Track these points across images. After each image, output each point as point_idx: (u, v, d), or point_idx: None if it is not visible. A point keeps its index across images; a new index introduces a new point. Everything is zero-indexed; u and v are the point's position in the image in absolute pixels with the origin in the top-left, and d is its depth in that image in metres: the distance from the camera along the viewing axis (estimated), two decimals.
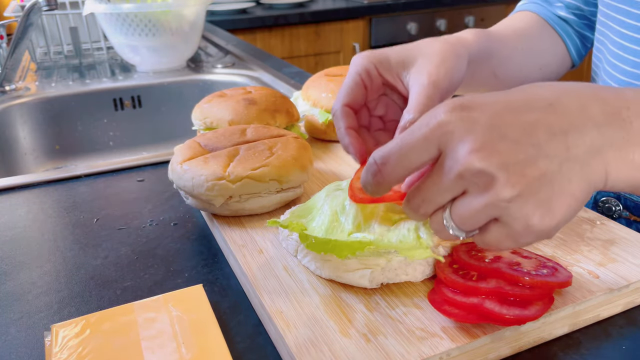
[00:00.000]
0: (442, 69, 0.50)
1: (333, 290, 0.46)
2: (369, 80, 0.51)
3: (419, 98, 0.49)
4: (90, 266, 0.56)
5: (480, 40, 0.58)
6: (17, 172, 1.14)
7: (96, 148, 1.26)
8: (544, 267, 0.42)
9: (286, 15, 2.31)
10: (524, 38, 0.68)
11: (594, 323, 0.45)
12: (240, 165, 0.58)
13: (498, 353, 0.42)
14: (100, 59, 1.53)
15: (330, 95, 0.79)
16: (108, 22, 1.28)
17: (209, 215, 0.61)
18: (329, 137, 0.81)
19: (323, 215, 0.49)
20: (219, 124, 0.74)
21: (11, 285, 0.54)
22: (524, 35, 0.68)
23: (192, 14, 1.32)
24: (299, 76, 1.26)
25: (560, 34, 0.72)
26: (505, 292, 0.40)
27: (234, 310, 0.49)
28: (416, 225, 0.45)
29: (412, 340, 0.40)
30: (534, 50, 0.69)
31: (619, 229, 0.54)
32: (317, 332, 0.41)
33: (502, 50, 0.63)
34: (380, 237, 0.44)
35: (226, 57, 1.48)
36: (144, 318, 0.45)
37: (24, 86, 1.26)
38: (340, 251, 0.44)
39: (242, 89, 0.80)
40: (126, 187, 0.74)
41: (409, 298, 0.45)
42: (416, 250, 0.44)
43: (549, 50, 0.71)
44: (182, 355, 0.41)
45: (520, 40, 0.67)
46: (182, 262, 0.56)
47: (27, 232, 0.63)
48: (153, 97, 1.30)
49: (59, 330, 0.44)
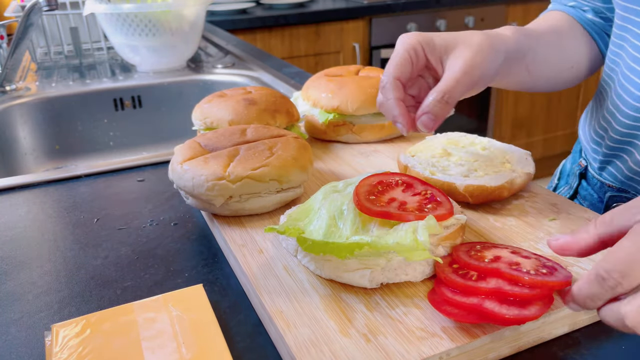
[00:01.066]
0: (477, 58, 0.53)
1: (333, 290, 0.46)
2: (416, 59, 0.55)
3: (448, 81, 0.52)
4: (90, 266, 0.56)
5: (519, 38, 0.60)
6: (17, 172, 1.14)
7: (96, 148, 1.26)
8: (544, 267, 0.42)
9: (286, 15, 2.31)
10: (557, 35, 0.68)
11: (594, 323, 0.45)
12: (240, 165, 0.58)
13: (498, 353, 0.42)
14: (101, 59, 1.53)
15: (330, 95, 0.79)
16: (108, 22, 1.28)
17: (209, 215, 0.61)
18: (329, 137, 0.81)
19: (320, 219, 0.49)
20: (219, 124, 0.74)
21: (11, 285, 0.54)
22: (557, 32, 0.68)
23: (192, 14, 1.32)
24: (299, 76, 1.26)
25: (591, 34, 0.71)
26: (505, 292, 0.40)
27: (234, 310, 0.49)
28: (413, 227, 0.45)
29: (412, 340, 0.40)
30: (566, 48, 0.69)
31: None
32: (317, 332, 0.42)
33: (536, 47, 0.64)
34: (377, 239, 0.44)
35: (226, 57, 1.48)
36: (144, 318, 0.45)
37: (24, 86, 1.26)
38: (339, 252, 0.44)
39: (242, 89, 0.80)
40: (126, 187, 0.74)
41: (409, 298, 0.45)
42: (414, 251, 0.43)
43: (580, 49, 0.71)
44: (182, 355, 0.41)
45: (553, 36, 0.67)
46: (182, 262, 0.56)
47: (27, 232, 0.63)
48: (153, 97, 1.30)
49: (59, 330, 0.44)
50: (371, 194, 0.50)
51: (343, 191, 0.53)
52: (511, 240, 0.53)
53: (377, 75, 0.83)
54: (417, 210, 0.48)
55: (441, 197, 0.51)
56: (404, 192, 0.52)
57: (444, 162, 0.63)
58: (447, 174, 0.60)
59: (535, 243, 0.52)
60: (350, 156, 0.76)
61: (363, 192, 0.50)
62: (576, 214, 0.57)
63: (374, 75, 0.83)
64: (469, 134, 0.70)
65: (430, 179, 0.59)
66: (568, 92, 3.00)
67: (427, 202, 0.50)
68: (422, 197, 0.51)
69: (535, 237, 0.53)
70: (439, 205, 0.49)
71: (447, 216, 0.49)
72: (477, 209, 0.60)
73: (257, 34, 2.30)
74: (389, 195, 0.50)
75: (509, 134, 2.92)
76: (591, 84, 3.04)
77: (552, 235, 0.53)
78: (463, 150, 0.66)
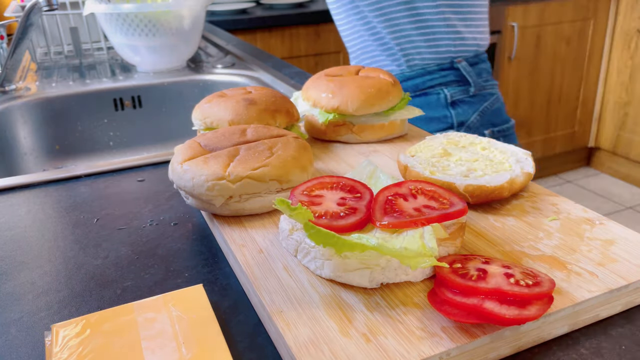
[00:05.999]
0: None
1: (333, 290, 0.46)
2: None
3: None
4: (90, 266, 0.56)
5: None
6: (17, 172, 1.14)
7: (96, 148, 1.26)
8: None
9: (286, 16, 2.31)
10: None
11: (594, 323, 0.45)
12: (240, 165, 0.58)
13: (498, 353, 0.42)
14: (101, 59, 1.53)
15: (330, 95, 0.79)
16: (108, 22, 1.28)
17: (209, 215, 0.61)
18: (329, 137, 0.81)
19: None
20: (219, 124, 0.74)
21: (11, 285, 0.54)
22: None
23: (192, 14, 1.32)
24: (299, 76, 1.26)
25: None
26: (505, 292, 0.40)
27: (234, 310, 0.49)
28: (419, 232, 0.45)
29: (412, 340, 0.40)
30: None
31: (618, 229, 0.54)
32: (317, 332, 0.42)
33: None
34: (383, 242, 0.44)
35: (226, 58, 1.48)
36: (144, 318, 0.45)
37: (24, 86, 1.26)
38: (340, 247, 0.44)
39: (242, 89, 0.80)
40: (126, 187, 0.74)
41: (409, 298, 0.45)
42: (419, 258, 0.43)
43: None
44: (182, 355, 0.41)
45: None
46: (182, 262, 0.57)
47: (27, 232, 0.63)
48: (153, 97, 1.30)
49: (59, 330, 0.44)
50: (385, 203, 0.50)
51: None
52: (511, 240, 0.53)
53: (377, 75, 0.83)
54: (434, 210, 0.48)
55: (450, 196, 0.51)
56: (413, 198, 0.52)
57: (444, 162, 0.63)
58: (447, 174, 0.60)
59: (535, 243, 0.52)
60: (350, 156, 0.76)
61: (378, 210, 0.49)
62: (576, 214, 0.57)
63: (374, 75, 0.83)
64: (469, 134, 0.70)
65: (430, 179, 0.59)
66: (568, 92, 3.00)
67: (437, 202, 0.50)
68: (433, 200, 0.51)
69: (535, 237, 0.53)
70: (451, 205, 0.50)
71: (464, 212, 0.49)
72: (477, 209, 0.60)
73: (257, 34, 2.30)
74: (400, 204, 0.50)
75: None
76: (591, 84, 3.04)
77: (552, 235, 0.53)
78: (463, 150, 0.66)
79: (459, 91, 1.26)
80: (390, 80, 0.81)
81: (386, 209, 0.49)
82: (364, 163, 0.60)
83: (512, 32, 2.69)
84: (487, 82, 1.30)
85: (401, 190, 0.52)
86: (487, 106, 1.26)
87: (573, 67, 2.96)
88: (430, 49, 1.25)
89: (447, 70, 1.26)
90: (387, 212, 0.48)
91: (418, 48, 1.26)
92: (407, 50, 1.26)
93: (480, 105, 1.27)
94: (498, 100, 1.30)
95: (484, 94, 1.28)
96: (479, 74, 1.28)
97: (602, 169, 3.20)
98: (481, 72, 1.29)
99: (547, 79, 2.91)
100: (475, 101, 1.27)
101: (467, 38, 1.27)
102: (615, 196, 2.92)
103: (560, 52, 2.88)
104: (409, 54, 1.26)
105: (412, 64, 1.27)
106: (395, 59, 1.27)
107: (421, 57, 1.26)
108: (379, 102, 0.78)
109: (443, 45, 1.25)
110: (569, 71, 2.96)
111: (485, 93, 1.28)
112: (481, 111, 1.25)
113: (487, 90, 1.29)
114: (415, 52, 1.26)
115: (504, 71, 2.75)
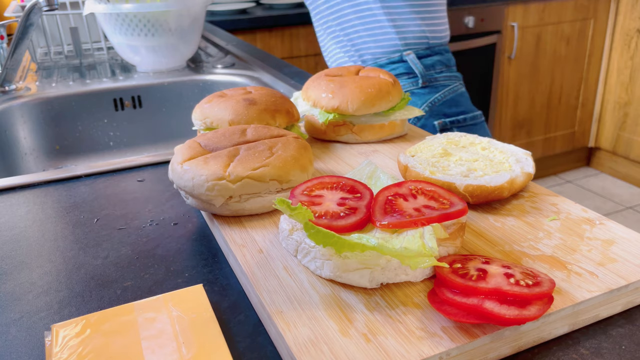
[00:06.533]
0: None
1: (333, 290, 0.46)
2: None
3: None
4: (90, 266, 0.56)
5: None
6: (17, 172, 1.14)
7: (96, 148, 1.26)
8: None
9: (286, 16, 2.31)
10: None
11: (594, 323, 0.45)
12: (240, 165, 0.58)
13: (498, 353, 0.42)
14: (101, 59, 1.53)
15: (331, 95, 0.79)
16: (108, 22, 1.28)
17: (209, 215, 0.61)
18: (329, 137, 0.81)
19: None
20: (219, 124, 0.74)
21: (11, 285, 0.54)
22: None
23: (192, 14, 1.32)
24: (299, 76, 1.26)
25: None
26: (505, 292, 0.40)
27: (234, 310, 0.49)
28: (420, 232, 0.45)
29: (412, 340, 0.40)
30: None
31: (618, 229, 0.54)
32: (317, 332, 0.42)
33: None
34: (384, 242, 0.44)
35: (226, 58, 1.48)
36: (144, 318, 0.45)
37: (25, 86, 1.26)
38: (340, 247, 0.44)
39: (242, 89, 0.80)
40: (126, 187, 0.74)
41: (409, 298, 0.45)
42: (419, 258, 0.43)
43: None
44: (182, 355, 0.41)
45: None
46: (182, 262, 0.57)
47: (27, 232, 0.63)
48: (153, 97, 1.30)
49: (59, 330, 0.44)
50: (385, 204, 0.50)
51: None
52: (511, 240, 0.53)
53: (377, 75, 0.83)
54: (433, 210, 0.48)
55: (450, 196, 0.51)
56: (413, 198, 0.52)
57: (444, 162, 0.63)
58: (447, 174, 0.60)
59: (535, 243, 0.52)
60: (350, 156, 0.76)
61: (378, 210, 0.49)
62: (576, 213, 0.57)
63: (374, 75, 0.83)
64: (469, 134, 0.70)
65: (430, 179, 0.59)
66: (568, 92, 3.00)
67: (437, 202, 0.50)
68: (432, 199, 0.51)
69: (535, 237, 0.53)
70: (451, 205, 0.50)
71: (464, 212, 0.49)
72: (477, 208, 0.60)
73: (257, 34, 2.30)
74: (399, 204, 0.50)
75: (509, 134, 2.92)
76: (591, 84, 3.04)
77: (552, 235, 0.53)
78: (463, 150, 0.66)
79: (407, 83, 1.30)
80: (390, 80, 0.81)
81: (386, 209, 0.49)
82: (364, 163, 0.60)
83: (512, 32, 2.69)
84: (441, 73, 1.32)
85: (401, 191, 0.52)
86: (438, 97, 1.29)
87: (573, 67, 2.96)
88: (376, 43, 1.31)
89: (396, 63, 1.30)
90: (387, 212, 0.48)
91: (367, 43, 1.31)
92: (358, 45, 1.32)
93: (430, 96, 1.29)
94: (454, 91, 1.33)
95: (436, 86, 1.31)
96: (432, 65, 1.31)
97: (602, 169, 3.20)
98: (434, 64, 1.32)
99: (547, 79, 2.91)
100: (424, 92, 1.30)
101: (415, 31, 1.31)
102: (615, 196, 2.92)
103: (560, 52, 2.89)
104: (360, 48, 1.32)
105: (364, 59, 1.32)
106: (350, 54, 1.34)
107: (371, 52, 1.31)
108: (379, 102, 0.78)
109: (388, 39, 1.30)
110: (569, 71, 2.96)
111: (438, 85, 1.31)
112: (431, 102, 1.28)
113: (440, 82, 1.31)
114: (365, 46, 1.31)
115: (504, 71, 2.76)
